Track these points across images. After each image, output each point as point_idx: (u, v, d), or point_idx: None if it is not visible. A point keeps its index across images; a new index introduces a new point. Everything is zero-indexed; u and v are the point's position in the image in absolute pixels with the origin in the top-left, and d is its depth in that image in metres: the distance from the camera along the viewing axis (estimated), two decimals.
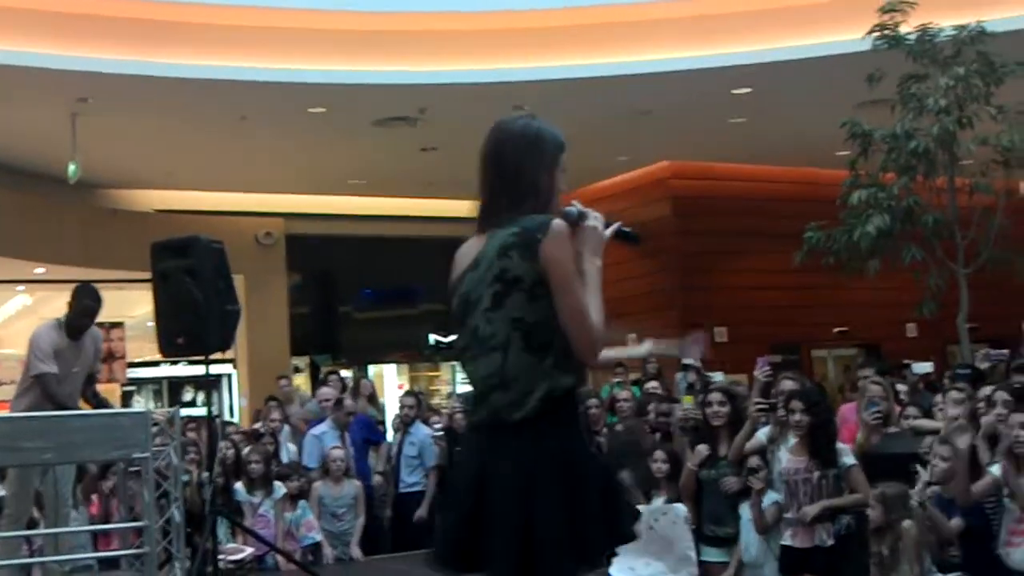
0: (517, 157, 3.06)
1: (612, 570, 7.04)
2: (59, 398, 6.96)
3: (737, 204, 16.05)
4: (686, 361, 10.82)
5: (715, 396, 7.30)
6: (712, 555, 6.99)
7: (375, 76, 11.90)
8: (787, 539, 6.49)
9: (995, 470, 5.63)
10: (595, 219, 3.10)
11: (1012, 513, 5.48)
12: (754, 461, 6.79)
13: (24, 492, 7.12)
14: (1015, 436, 5.43)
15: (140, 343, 17.04)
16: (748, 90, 12.63)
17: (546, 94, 12.34)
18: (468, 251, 3.07)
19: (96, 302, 7.33)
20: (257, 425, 10.50)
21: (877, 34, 10.44)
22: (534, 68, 12.08)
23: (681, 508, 6.89)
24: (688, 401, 7.82)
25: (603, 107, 12.89)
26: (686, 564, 7.03)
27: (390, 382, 18.07)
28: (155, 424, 6.48)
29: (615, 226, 3.17)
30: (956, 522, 5.51)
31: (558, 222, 2.95)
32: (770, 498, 6.66)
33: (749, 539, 6.78)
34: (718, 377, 8.66)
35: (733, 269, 16.11)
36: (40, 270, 14.87)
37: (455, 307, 3.04)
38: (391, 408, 12.21)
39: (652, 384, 10.07)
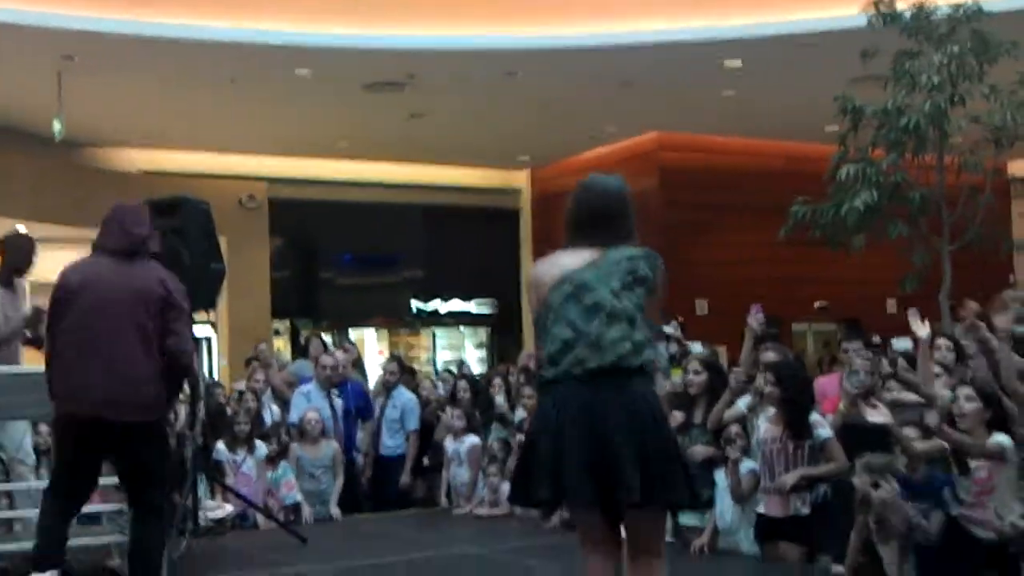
0: (623, 209, 4.14)
1: None
2: None
3: (725, 177, 16.06)
4: (667, 330, 10.89)
5: (693, 365, 7.44)
6: (687, 519, 7.05)
7: (364, 40, 11.83)
8: (762, 507, 6.55)
9: None
10: None
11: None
12: (733, 430, 6.85)
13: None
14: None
15: None
16: (739, 63, 12.60)
17: (536, 62, 12.32)
18: (568, 258, 4.01)
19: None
20: (238, 385, 10.47)
21: (872, 10, 10.43)
22: (524, 36, 12.03)
23: None
24: (676, 374, 7.88)
25: (592, 76, 12.86)
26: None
27: (370, 347, 18.06)
28: None
29: None
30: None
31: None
32: (747, 466, 6.72)
33: (724, 506, 6.85)
34: (696, 348, 8.70)
35: (717, 242, 16.14)
36: (22, 228, 14.74)
37: (570, 289, 3.87)
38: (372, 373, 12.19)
39: None
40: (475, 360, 17.97)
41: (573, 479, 3.65)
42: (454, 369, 12.03)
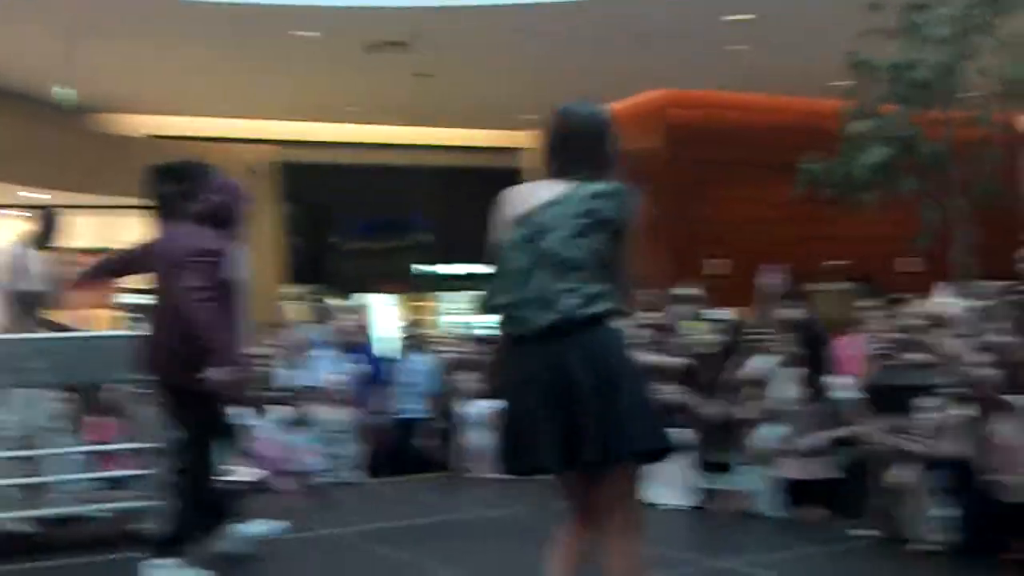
0: (598, 135, 3.74)
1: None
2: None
3: (734, 134, 15.93)
4: (676, 292, 10.86)
5: (708, 325, 7.42)
6: (713, 482, 7.04)
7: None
8: (787, 470, 6.53)
9: None
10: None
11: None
12: (751, 391, 6.83)
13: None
14: None
15: None
16: (749, 16, 12.44)
17: (540, 18, 12.20)
18: (540, 190, 3.65)
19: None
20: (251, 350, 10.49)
21: None
22: None
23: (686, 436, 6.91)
24: (698, 326, 7.84)
25: (597, 31, 12.73)
26: (691, 492, 7.08)
27: (380, 312, 18.06)
28: None
29: None
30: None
31: (631, 187, 3.67)
32: (770, 429, 6.70)
33: (748, 469, 6.83)
34: (721, 314, 8.66)
35: (727, 200, 16.03)
36: (23, 193, 14.79)
37: (526, 231, 3.57)
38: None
39: (649, 315, 10.06)
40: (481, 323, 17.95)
41: (540, 449, 3.43)
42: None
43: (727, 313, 8.74)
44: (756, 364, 6.99)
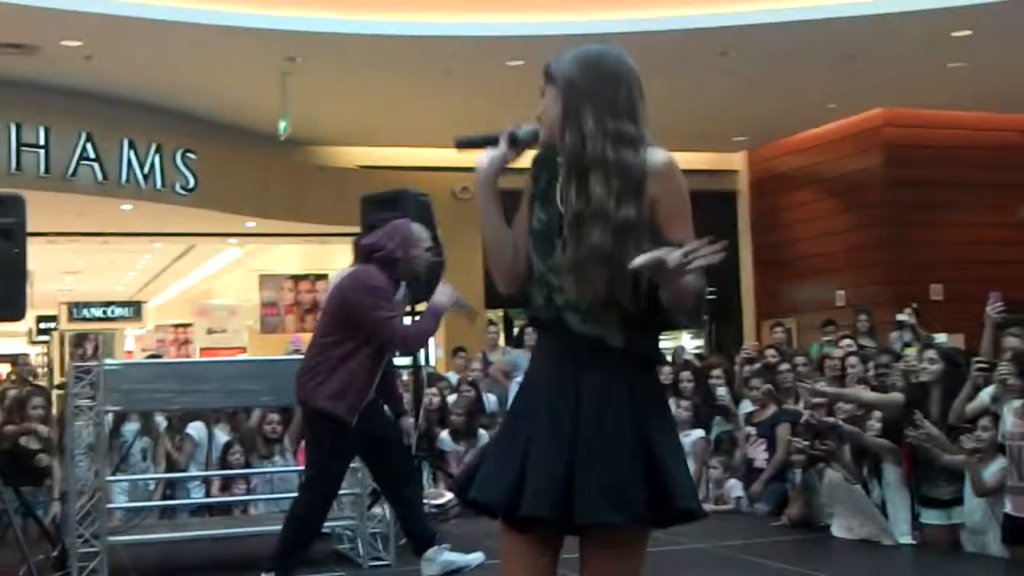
0: (620, 89, 2.85)
1: (832, 528, 6.89)
2: None
3: (955, 153, 15.21)
4: (900, 318, 10.42)
5: (929, 353, 7.11)
6: (931, 517, 6.70)
7: (573, 26, 11.73)
8: (1010, 507, 6.14)
9: None
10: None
11: None
12: (981, 423, 6.46)
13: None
14: None
15: None
16: (968, 32, 11.94)
17: (754, 38, 11.97)
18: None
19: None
20: (450, 375, 10.61)
21: None
22: (738, 13, 11.69)
23: (895, 469, 6.63)
24: (911, 352, 7.54)
25: (811, 52, 12.42)
26: (900, 526, 6.79)
27: None
28: None
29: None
30: None
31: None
32: (996, 463, 6.32)
33: (972, 504, 6.46)
34: (941, 339, 8.27)
35: (949, 222, 15.30)
36: (251, 224, 15.35)
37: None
38: None
39: (847, 342, 9.67)
40: (691, 349, 17.68)
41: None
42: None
43: (946, 339, 8.33)
44: (982, 395, 6.61)
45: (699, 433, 8.73)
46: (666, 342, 18.30)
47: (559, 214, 2.79)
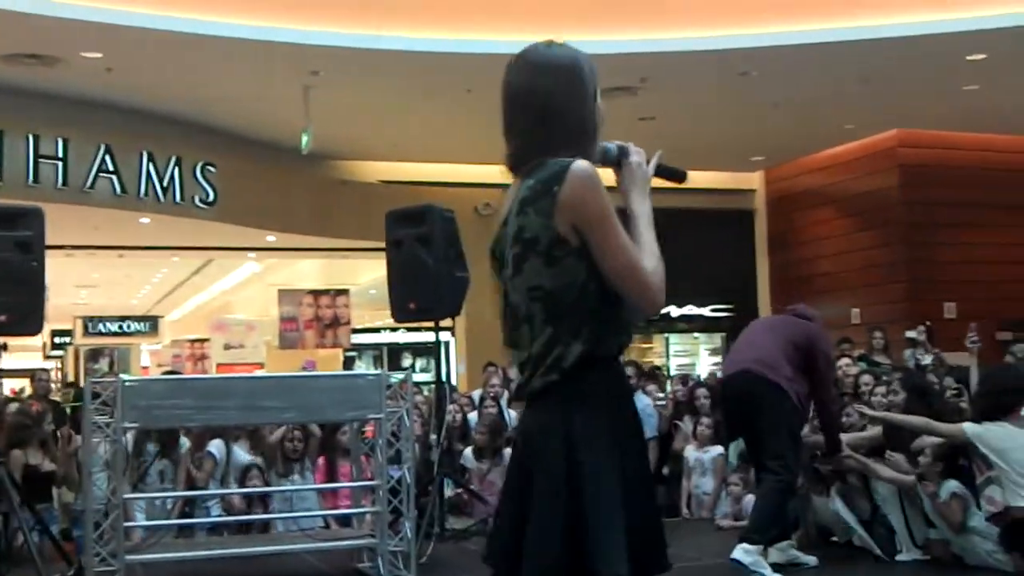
0: (553, 92, 2.61)
1: None
2: None
3: (969, 174, 15.35)
4: (910, 335, 10.49)
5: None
6: (936, 533, 6.70)
7: (595, 45, 11.82)
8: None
9: None
10: (637, 154, 2.69)
11: None
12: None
13: None
14: None
15: (362, 310, 17.51)
16: (983, 56, 12.04)
17: (771, 61, 12.06)
18: (504, 205, 2.66)
19: None
20: (474, 392, 10.61)
21: None
22: (758, 34, 11.78)
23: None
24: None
25: (830, 73, 12.52)
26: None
27: None
28: (388, 387, 6.59)
29: (655, 159, 2.72)
30: None
31: (579, 164, 2.47)
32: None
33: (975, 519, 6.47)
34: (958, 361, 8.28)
35: (964, 242, 15.41)
36: (271, 238, 15.36)
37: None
38: None
39: (845, 361, 9.65)
40: (708, 366, 17.72)
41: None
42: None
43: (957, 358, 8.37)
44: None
45: (718, 450, 8.76)
46: (683, 359, 18.44)
47: None
